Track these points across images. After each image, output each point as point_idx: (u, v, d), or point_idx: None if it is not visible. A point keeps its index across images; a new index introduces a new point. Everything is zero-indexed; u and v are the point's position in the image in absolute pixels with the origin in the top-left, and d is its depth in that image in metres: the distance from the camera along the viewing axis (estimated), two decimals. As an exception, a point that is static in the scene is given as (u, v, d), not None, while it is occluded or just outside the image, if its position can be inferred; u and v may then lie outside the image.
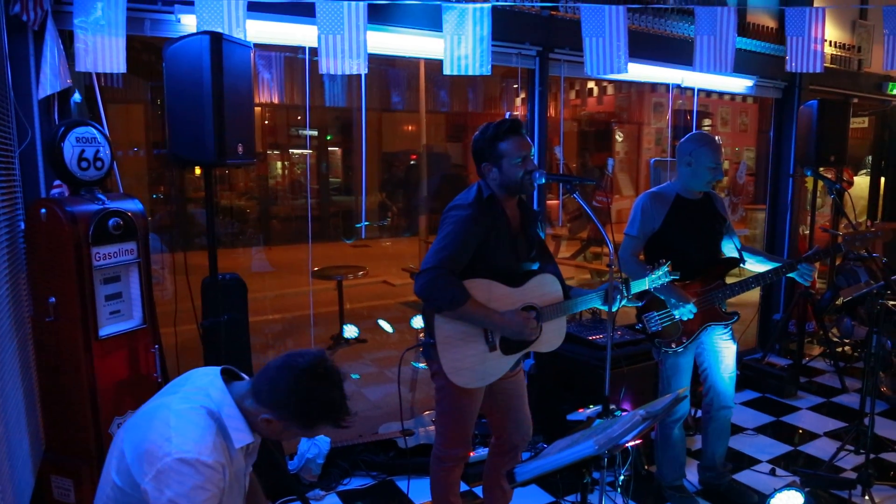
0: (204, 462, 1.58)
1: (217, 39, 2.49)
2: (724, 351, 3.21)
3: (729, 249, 3.25)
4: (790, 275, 3.09)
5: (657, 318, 3.10)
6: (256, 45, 3.30)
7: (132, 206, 2.73)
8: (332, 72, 3.00)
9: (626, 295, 2.56)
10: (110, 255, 2.62)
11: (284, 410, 1.69)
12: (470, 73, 3.22)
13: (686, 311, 3.00)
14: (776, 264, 3.13)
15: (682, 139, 3.14)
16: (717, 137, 3.07)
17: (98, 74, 2.95)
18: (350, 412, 1.77)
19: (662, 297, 3.03)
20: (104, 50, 2.68)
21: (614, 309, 2.47)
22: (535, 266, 2.63)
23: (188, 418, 1.64)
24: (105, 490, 1.68)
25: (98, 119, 3.01)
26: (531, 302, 2.54)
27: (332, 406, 1.71)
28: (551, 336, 2.63)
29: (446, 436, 2.63)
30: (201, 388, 1.73)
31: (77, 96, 2.98)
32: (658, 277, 2.70)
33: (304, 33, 3.25)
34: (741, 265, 3.22)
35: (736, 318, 3.16)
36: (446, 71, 3.24)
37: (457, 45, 3.20)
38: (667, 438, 3.27)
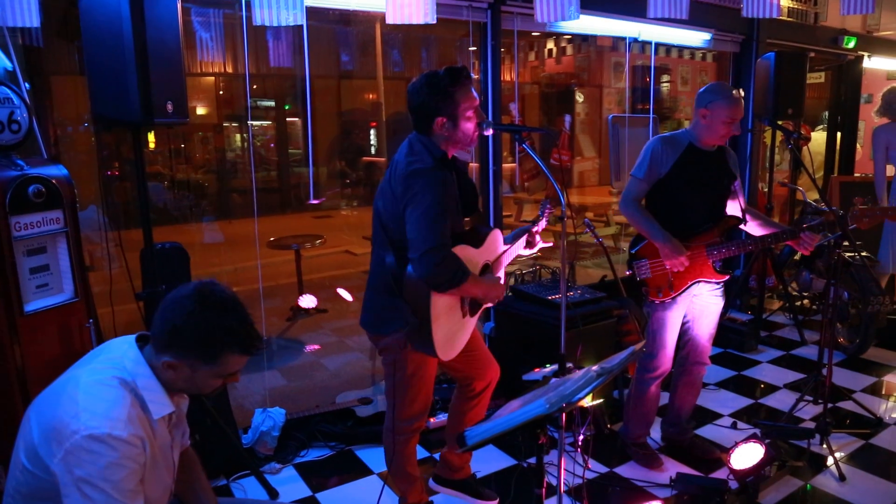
0: (117, 437, 1.45)
1: (136, -13, 2.30)
2: (711, 307, 3.13)
3: (733, 208, 3.13)
4: (788, 243, 3.02)
5: (647, 265, 3.02)
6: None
7: (56, 171, 2.54)
8: (266, 23, 2.82)
9: (550, 209, 2.51)
10: (33, 224, 2.44)
11: (180, 346, 1.55)
12: (413, 21, 3.07)
13: (677, 263, 2.91)
14: (776, 229, 3.05)
15: (702, 88, 2.99)
16: (738, 90, 2.92)
17: (19, 33, 2.73)
18: (256, 336, 1.61)
19: (657, 245, 2.93)
20: (13, 1, 2.46)
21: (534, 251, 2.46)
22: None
23: (98, 391, 1.50)
24: (15, 474, 1.55)
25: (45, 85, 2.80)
26: (488, 259, 2.47)
27: (229, 330, 1.56)
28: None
29: (402, 407, 2.50)
30: (115, 358, 1.59)
31: (5, 61, 2.77)
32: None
33: (240, -15, 3.06)
34: (743, 224, 3.12)
35: (728, 276, 3.08)
36: (389, 20, 3.07)
37: (399, -7, 3.04)
38: (642, 394, 3.20)
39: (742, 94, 2.92)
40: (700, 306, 3.13)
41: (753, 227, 3.14)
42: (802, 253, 3.02)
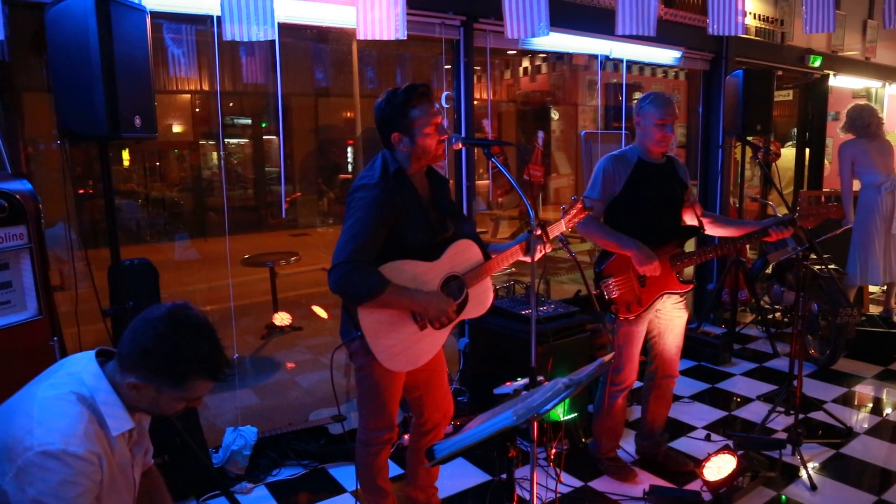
0: (72, 453, 1.41)
1: (103, 1, 2.29)
2: (675, 320, 3.16)
3: (689, 217, 3.16)
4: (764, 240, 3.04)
5: (614, 283, 3.03)
6: (160, 14, 3.10)
7: (19, 186, 2.49)
8: (237, 38, 2.82)
9: (547, 240, 2.45)
10: (-5, 240, 2.40)
11: (148, 369, 1.52)
12: (384, 37, 3.08)
13: (652, 268, 2.92)
14: (743, 229, 3.07)
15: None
16: (671, 95, 2.99)
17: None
18: (226, 362, 1.59)
19: (630, 254, 2.93)
20: (-22, 15, 2.44)
21: (536, 258, 2.38)
22: (448, 233, 2.52)
23: (54, 407, 1.47)
24: (-33, 494, 1.50)
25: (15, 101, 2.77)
26: (453, 272, 2.44)
27: (199, 355, 1.54)
28: (479, 300, 2.55)
29: (370, 417, 2.52)
30: (73, 373, 1.55)
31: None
32: (573, 216, 2.60)
33: (211, 1, 3.06)
34: (701, 232, 3.15)
35: (692, 286, 3.10)
36: (359, 35, 3.09)
37: (370, 9, 3.05)
38: (610, 407, 3.21)
39: (672, 97, 2.99)
40: (665, 321, 3.16)
41: (718, 231, 3.16)
42: (778, 237, 3.02)
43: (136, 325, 1.54)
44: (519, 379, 2.63)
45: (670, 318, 3.15)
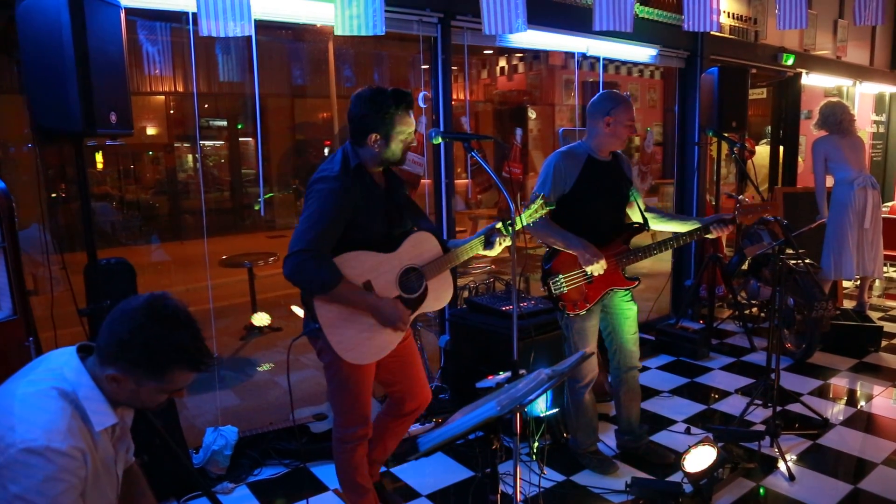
0: (55, 449, 1.39)
1: (76, -5, 2.26)
2: (626, 312, 3.21)
3: (634, 214, 3.22)
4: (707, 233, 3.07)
5: (562, 280, 3.06)
6: (135, 11, 3.06)
7: (-8, 185, 2.46)
8: (214, 34, 2.79)
9: (506, 234, 2.48)
10: (-33, 239, 2.35)
11: (127, 360, 1.49)
12: (363, 33, 3.08)
13: (598, 267, 2.95)
14: (684, 224, 3.12)
15: (595, 98, 3.08)
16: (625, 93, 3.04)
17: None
18: (207, 352, 1.57)
19: (577, 253, 2.96)
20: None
21: (495, 252, 2.43)
22: (407, 228, 2.55)
23: (35, 403, 1.44)
24: (-55, 495, 1.47)
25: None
26: (411, 263, 2.46)
27: (179, 346, 1.51)
28: (438, 294, 2.57)
29: (343, 414, 2.52)
30: (54, 368, 1.52)
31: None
32: (534, 211, 2.62)
33: (186, -3, 3.03)
34: (646, 230, 3.19)
35: (637, 283, 3.14)
36: (337, 31, 3.08)
37: (347, 5, 3.04)
38: (578, 404, 3.24)
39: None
40: (616, 315, 3.21)
41: (661, 226, 3.21)
42: (719, 234, 3.08)
43: (114, 316, 1.51)
44: (501, 373, 2.64)
45: (620, 311, 3.20)
